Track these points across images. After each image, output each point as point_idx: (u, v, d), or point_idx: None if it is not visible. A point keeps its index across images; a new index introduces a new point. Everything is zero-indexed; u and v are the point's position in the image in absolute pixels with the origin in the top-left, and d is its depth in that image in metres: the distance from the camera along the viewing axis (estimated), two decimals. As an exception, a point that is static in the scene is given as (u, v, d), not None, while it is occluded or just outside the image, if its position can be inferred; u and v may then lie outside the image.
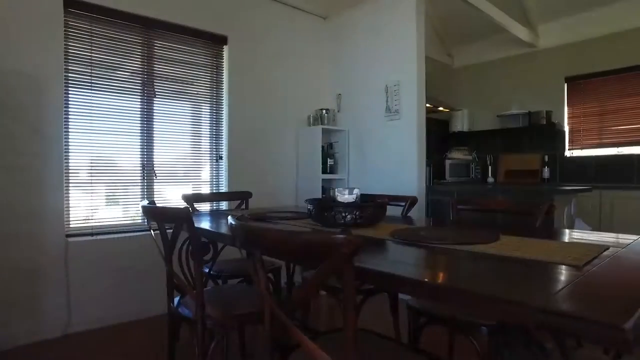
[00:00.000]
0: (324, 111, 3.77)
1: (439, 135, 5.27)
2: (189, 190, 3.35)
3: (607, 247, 1.19)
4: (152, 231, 1.74)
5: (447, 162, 4.94)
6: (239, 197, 2.89)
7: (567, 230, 1.67)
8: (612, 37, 4.19)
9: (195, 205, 2.63)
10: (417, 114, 3.30)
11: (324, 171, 3.67)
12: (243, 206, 2.84)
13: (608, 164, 4.23)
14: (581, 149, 4.45)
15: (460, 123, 5.18)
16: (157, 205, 1.60)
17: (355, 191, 1.74)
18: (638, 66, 4.03)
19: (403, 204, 2.25)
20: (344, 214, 1.61)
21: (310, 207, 1.71)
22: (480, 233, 1.41)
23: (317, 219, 1.71)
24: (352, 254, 0.80)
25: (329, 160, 3.70)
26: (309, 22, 4.04)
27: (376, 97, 3.59)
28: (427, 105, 4.20)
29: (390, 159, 3.49)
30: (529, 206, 1.84)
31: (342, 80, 3.98)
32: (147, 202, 1.74)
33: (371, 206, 1.63)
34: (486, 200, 2.00)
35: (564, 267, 0.98)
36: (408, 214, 2.20)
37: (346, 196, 1.73)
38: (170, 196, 3.25)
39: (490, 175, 4.99)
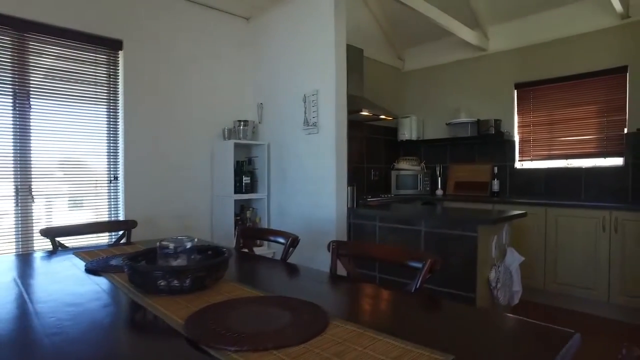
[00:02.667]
0: (241, 123, 3.35)
1: (386, 144, 4.92)
2: (83, 216, 2.92)
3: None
4: None
5: (394, 173, 4.61)
6: (118, 227, 2.48)
7: (443, 303, 1.32)
8: (559, 43, 3.90)
9: (65, 241, 2.22)
10: (337, 128, 2.90)
11: (239, 190, 3.25)
12: (124, 239, 2.43)
13: (557, 177, 3.95)
14: (531, 160, 4.16)
15: (409, 131, 4.84)
16: None
17: (185, 245, 1.36)
18: (586, 74, 3.75)
19: (284, 241, 1.87)
20: (159, 280, 1.23)
21: (125, 268, 1.32)
22: (304, 318, 1.04)
23: (135, 283, 1.32)
24: None
25: (244, 178, 3.28)
26: (229, 23, 3.62)
27: (296, 107, 3.19)
28: (366, 113, 3.85)
29: (308, 178, 3.09)
30: (415, 257, 1.49)
31: (264, 88, 3.57)
32: None
33: (191, 270, 1.25)
34: (369, 247, 1.64)
35: None
36: (288, 259, 1.83)
37: (171, 251, 1.35)
38: (58, 223, 2.81)
39: (439, 187, 4.66)
